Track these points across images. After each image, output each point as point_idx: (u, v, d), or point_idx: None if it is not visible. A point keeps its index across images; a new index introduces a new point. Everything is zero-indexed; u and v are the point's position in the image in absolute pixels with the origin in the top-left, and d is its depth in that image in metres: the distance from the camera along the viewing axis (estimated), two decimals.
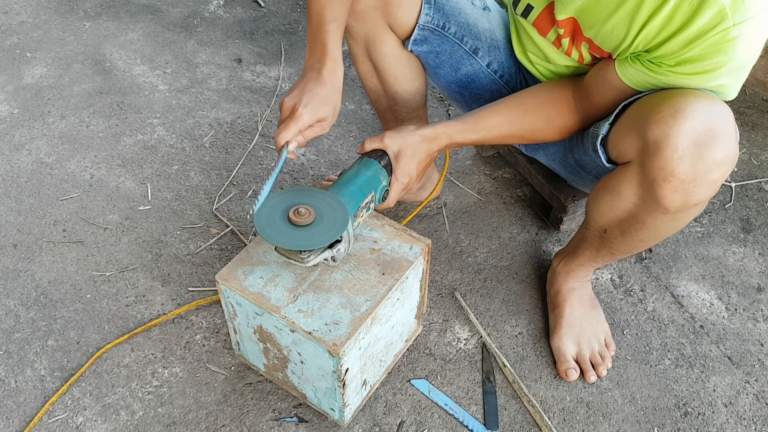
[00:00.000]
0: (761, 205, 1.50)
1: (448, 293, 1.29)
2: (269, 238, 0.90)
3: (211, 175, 1.52)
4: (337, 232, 0.91)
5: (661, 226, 0.96)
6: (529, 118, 1.06)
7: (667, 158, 0.84)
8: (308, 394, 1.07)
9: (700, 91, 0.87)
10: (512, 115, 1.06)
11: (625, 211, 0.97)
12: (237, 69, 1.85)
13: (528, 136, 1.08)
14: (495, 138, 1.08)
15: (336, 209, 0.93)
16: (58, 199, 1.45)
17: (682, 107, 0.83)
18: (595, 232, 1.07)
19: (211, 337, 1.20)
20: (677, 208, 0.89)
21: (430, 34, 1.13)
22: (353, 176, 1.00)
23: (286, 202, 0.94)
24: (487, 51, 1.18)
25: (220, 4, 2.12)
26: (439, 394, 1.13)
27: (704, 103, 0.84)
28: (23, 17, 2.01)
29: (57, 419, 1.08)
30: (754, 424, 1.12)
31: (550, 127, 1.07)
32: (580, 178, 1.21)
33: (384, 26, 1.11)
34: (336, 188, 0.98)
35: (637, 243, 1.02)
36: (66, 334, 1.20)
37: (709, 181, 0.85)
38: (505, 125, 1.06)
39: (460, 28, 1.14)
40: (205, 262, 1.33)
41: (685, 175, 0.84)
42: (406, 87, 1.21)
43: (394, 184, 1.03)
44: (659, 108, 0.86)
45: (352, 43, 1.17)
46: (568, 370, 1.15)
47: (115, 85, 1.77)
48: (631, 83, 0.94)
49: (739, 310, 1.29)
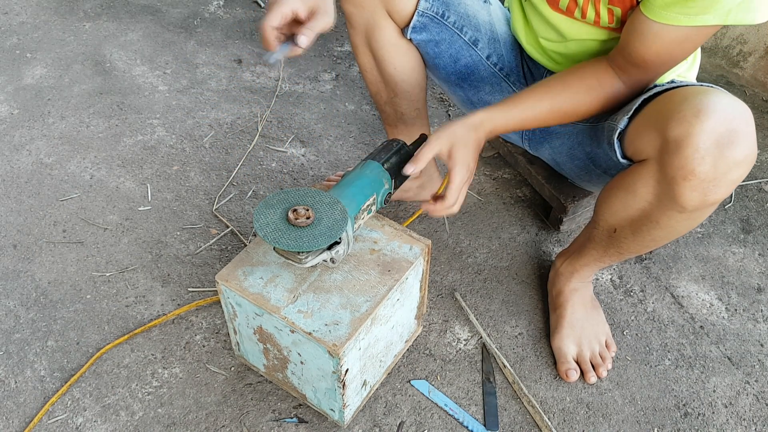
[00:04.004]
0: (761, 206, 1.51)
1: (448, 294, 1.29)
2: (267, 238, 0.89)
3: (211, 176, 1.52)
4: (335, 234, 0.91)
5: (675, 225, 0.95)
6: (570, 92, 1.02)
7: (687, 157, 0.83)
8: (308, 395, 1.07)
9: (722, 90, 0.88)
10: (552, 92, 1.02)
11: (638, 210, 0.97)
12: (237, 69, 1.85)
13: (571, 110, 1.03)
14: (537, 117, 1.03)
15: (335, 211, 0.93)
16: (58, 200, 1.45)
17: (704, 106, 0.83)
18: (604, 232, 1.06)
19: (211, 337, 1.20)
20: (695, 207, 0.88)
21: (430, 21, 1.13)
22: (355, 178, 0.99)
23: (285, 203, 0.94)
24: (487, 43, 1.17)
25: (220, 4, 2.12)
26: (439, 394, 1.13)
27: (726, 103, 0.84)
28: (23, 18, 2.01)
29: (57, 420, 1.08)
30: (754, 424, 1.12)
31: (593, 97, 1.01)
32: (586, 173, 1.19)
33: (383, 13, 1.11)
34: (337, 189, 0.97)
35: (649, 242, 1.02)
36: (66, 335, 1.20)
37: (728, 181, 0.85)
38: (546, 102, 1.02)
39: (459, 18, 1.14)
40: (205, 263, 1.33)
41: (705, 175, 0.83)
42: (406, 77, 1.21)
43: (454, 178, 0.97)
44: (681, 107, 0.85)
45: (353, 33, 1.17)
46: (569, 370, 1.15)
47: (115, 85, 1.77)
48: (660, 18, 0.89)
49: (739, 311, 1.29)
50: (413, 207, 1.45)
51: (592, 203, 1.38)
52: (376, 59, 1.19)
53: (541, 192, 1.43)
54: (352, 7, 1.11)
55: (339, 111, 1.73)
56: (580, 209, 1.37)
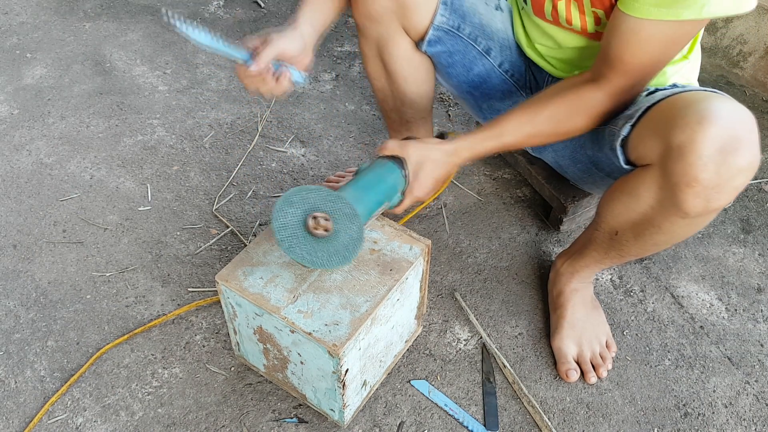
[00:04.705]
0: (761, 206, 1.51)
1: (448, 294, 1.29)
2: (282, 243, 0.92)
3: (211, 176, 1.52)
4: (349, 257, 0.92)
5: (677, 230, 0.95)
6: (549, 111, 1.00)
7: (691, 164, 0.83)
8: (308, 395, 1.07)
9: (725, 96, 0.88)
10: (530, 113, 1.01)
11: (641, 214, 0.97)
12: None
13: (552, 130, 1.01)
14: (518, 140, 1.03)
15: (353, 226, 0.90)
16: (58, 200, 1.45)
17: (707, 113, 0.83)
18: (606, 234, 1.06)
19: (211, 337, 1.20)
20: (697, 213, 0.88)
21: (444, 34, 1.12)
22: (375, 182, 0.97)
23: (307, 204, 0.91)
24: (500, 51, 1.17)
25: (220, 4, 2.12)
26: (439, 394, 1.13)
27: (730, 109, 0.84)
28: (23, 18, 2.01)
29: (57, 420, 1.08)
30: (754, 424, 1.12)
31: (575, 112, 1.00)
32: (590, 176, 1.19)
33: (398, 28, 1.10)
34: (355, 191, 0.95)
35: (650, 246, 1.02)
36: (66, 335, 1.20)
37: (731, 188, 0.85)
38: (526, 124, 1.01)
39: (474, 29, 1.13)
40: (205, 263, 1.33)
41: (709, 181, 0.83)
42: (416, 89, 1.21)
43: (408, 196, 1.00)
44: (684, 113, 0.85)
45: (363, 42, 1.16)
46: (569, 371, 1.15)
47: (115, 85, 1.77)
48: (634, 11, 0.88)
49: (739, 311, 1.29)
50: (412, 207, 1.45)
51: (592, 203, 1.38)
52: (387, 71, 1.18)
53: (541, 192, 1.43)
54: (366, 20, 1.09)
55: (339, 111, 1.73)
56: (580, 209, 1.37)
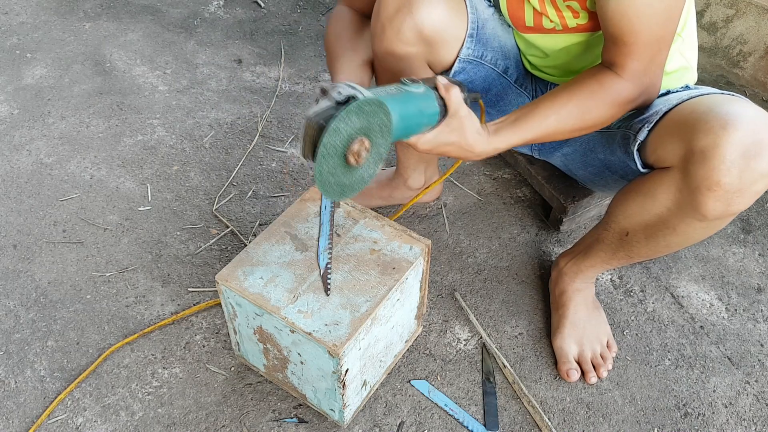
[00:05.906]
0: (761, 206, 1.50)
1: (448, 294, 1.29)
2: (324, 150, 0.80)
3: (211, 176, 1.52)
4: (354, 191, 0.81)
5: (692, 232, 0.95)
6: (575, 101, 0.94)
7: (714, 168, 0.83)
8: (308, 395, 1.07)
9: (745, 100, 0.88)
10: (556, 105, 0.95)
11: (656, 215, 0.96)
12: (237, 70, 1.85)
13: (579, 121, 0.95)
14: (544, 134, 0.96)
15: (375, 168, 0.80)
16: (58, 200, 1.45)
17: (731, 117, 0.83)
18: (616, 234, 1.06)
19: (211, 337, 1.20)
20: (715, 216, 0.89)
21: (468, 64, 1.11)
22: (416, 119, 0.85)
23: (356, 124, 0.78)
24: (515, 68, 1.17)
25: (220, 4, 2.12)
26: (439, 394, 1.13)
27: (753, 114, 0.84)
28: (23, 18, 2.01)
29: (57, 420, 1.08)
30: (754, 424, 1.12)
31: (598, 101, 0.94)
32: (602, 179, 1.18)
33: (423, 64, 1.08)
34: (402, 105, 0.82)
35: (662, 248, 1.01)
36: (66, 335, 1.20)
37: (752, 192, 0.85)
38: (551, 117, 0.94)
39: (494, 53, 1.13)
40: (205, 263, 1.33)
41: (731, 186, 0.84)
42: None
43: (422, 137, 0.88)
44: (707, 117, 0.85)
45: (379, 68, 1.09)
46: (570, 370, 1.15)
47: (115, 85, 1.77)
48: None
49: (739, 311, 1.29)
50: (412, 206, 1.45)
51: (592, 203, 1.38)
52: None
53: (541, 192, 1.43)
54: (390, 56, 1.05)
55: None
56: (580, 209, 1.37)
